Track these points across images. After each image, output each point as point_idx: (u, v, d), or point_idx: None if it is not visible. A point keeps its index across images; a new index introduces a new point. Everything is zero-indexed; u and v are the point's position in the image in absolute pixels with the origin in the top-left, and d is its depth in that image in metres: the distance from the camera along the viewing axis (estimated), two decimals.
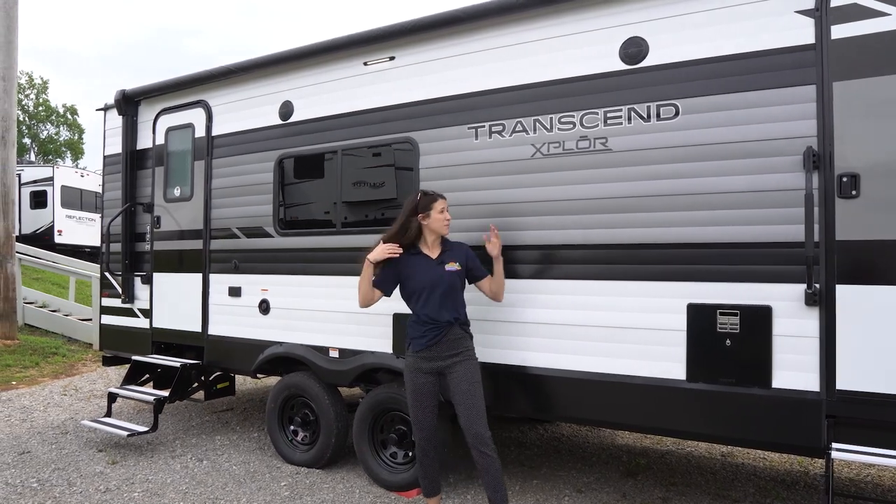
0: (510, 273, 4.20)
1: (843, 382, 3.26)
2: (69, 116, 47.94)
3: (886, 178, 3.17)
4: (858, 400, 3.23)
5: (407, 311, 4.61)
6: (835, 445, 3.21)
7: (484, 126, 4.38)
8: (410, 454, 4.73)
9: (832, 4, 3.29)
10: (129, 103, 6.48)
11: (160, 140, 6.28)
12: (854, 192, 3.23)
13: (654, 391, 3.72)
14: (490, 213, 4.30)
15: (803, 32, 3.36)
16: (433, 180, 4.57)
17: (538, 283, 4.14)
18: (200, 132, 5.94)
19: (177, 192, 6.13)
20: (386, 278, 3.99)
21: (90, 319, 11.11)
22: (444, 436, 4.55)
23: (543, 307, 4.11)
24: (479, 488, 4.77)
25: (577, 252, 4.00)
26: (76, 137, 48.56)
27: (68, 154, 47.86)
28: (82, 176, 21.10)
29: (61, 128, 47.98)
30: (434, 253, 3.96)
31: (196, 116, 5.98)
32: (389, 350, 4.74)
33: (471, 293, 4.12)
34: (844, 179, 3.24)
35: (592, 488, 4.82)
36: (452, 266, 3.91)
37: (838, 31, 3.28)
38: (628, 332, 3.83)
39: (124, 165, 6.46)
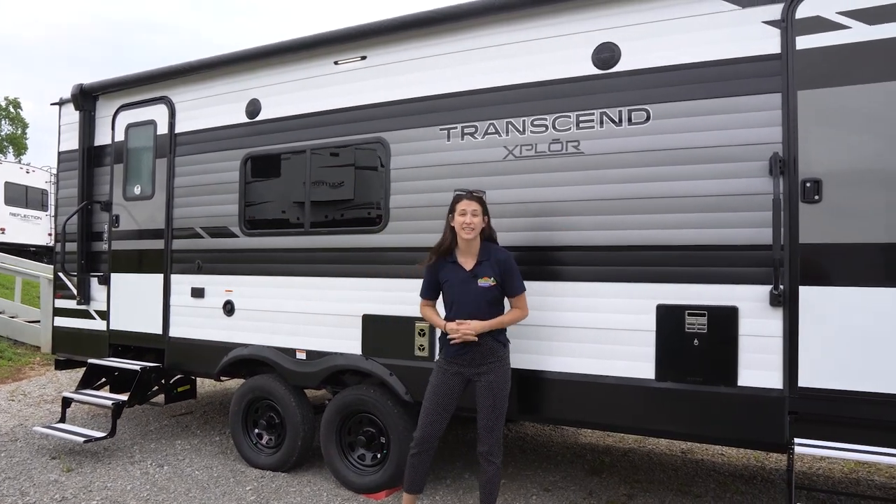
0: None
1: (804, 380, 3.38)
2: (12, 110, 46.09)
3: (846, 184, 3.31)
4: (818, 397, 3.36)
5: (376, 312, 4.63)
6: (797, 440, 3.33)
7: (456, 127, 4.40)
8: (379, 456, 4.71)
9: (797, 16, 3.42)
10: (86, 98, 6.28)
11: (119, 137, 6.10)
12: (817, 197, 3.36)
13: (624, 390, 3.79)
14: None
15: (770, 42, 3.49)
16: (404, 181, 4.57)
17: None
18: (163, 129, 5.79)
19: (137, 190, 5.97)
20: (429, 286, 3.91)
21: (38, 321, 10.70)
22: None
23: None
24: (446, 489, 4.78)
25: (549, 254, 4.05)
26: (19, 132, 46.71)
27: (10, 150, 46.02)
28: (28, 172, 20.31)
29: (3, 122, 46.10)
30: (469, 263, 3.76)
31: (158, 113, 5.83)
32: (359, 352, 4.71)
33: None
34: (808, 185, 3.37)
35: (559, 486, 4.88)
36: (486, 282, 3.70)
37: (803, 42, 3.41)
38: (599, 333, 3.89)
39: (81, 162, 6.26)
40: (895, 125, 3.24)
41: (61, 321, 6.51)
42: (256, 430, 5.33)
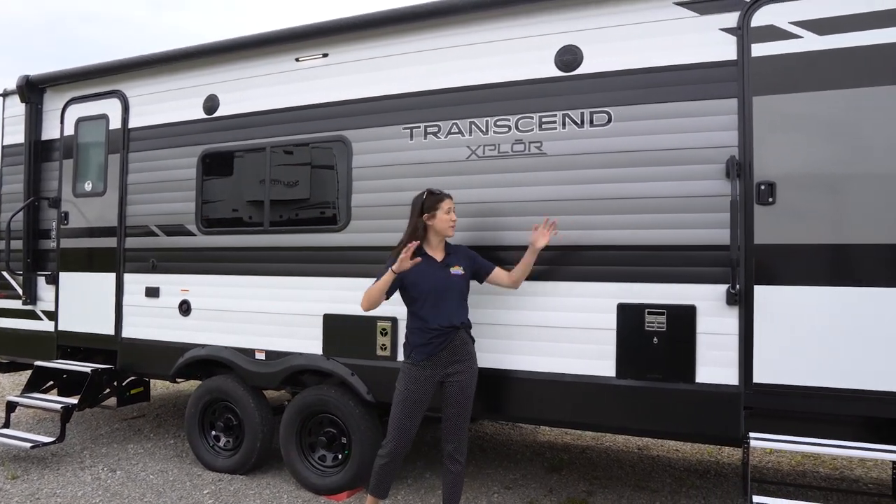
0: None
1: (759, 376, 3.49)
2: None
3: (799, 187, 3.44)
4: (772, 392, 3.48)
5: (337, 312, 4.59)
6: (752, 435, 3.44)
7: (419, 127, 4.40)
8: (340, 457, 4.67)
9: (752, 25, 3.53)
10: (33, 90, 6.04)
11: (69, 131, 5.90)
12: (771, 199, 3.48)
13: (586, 388, 3.85)
14: None
15: (726, 49, 3.59)
16: (366, 180, 4.55)
17: (473, 284, 4.19)
18: (116, 124, 5.62)
19: (88, 186, 5.78)
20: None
21: None
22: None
23: (478, 307, 4.16)
24: (408, 488, 4.78)
25: (511, 253, 4.08)
26: None
27: None
28: None
29: None
30: (439, 256, 3.82)
31: (111, 107, 5.66)
32: (319, 351, 4.66)
33: None
34: (762, 187, 3.49)
35: (519, 484, 4.93)
36: (458, 270, 3.78)
37: (758, 50, 3.52)
38: (561, 332, 3.94)
39: (27, 157, 6.02)
40: (842, 131, 3.38)
41: (5, 322, 6.24)
42: (214, 433, 5.22)
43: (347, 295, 4.56)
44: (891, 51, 3.29)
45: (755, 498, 3.29)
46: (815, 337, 3.40)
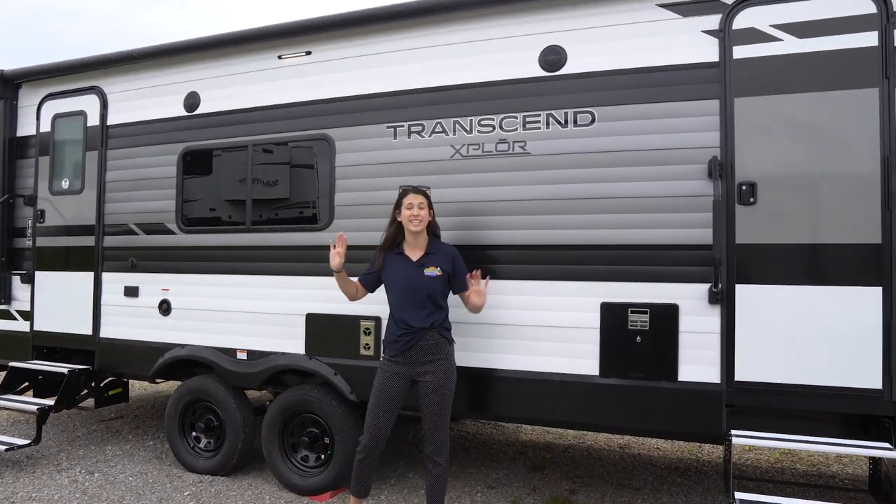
0: None
1: (740, 374, 3.54)
2: None
3: (779, 187, 3.49)
4: (754, 390, 3.53)
5: (320, 311, 4.57)
6: (733, 432, 3.48)
7: (403, 125, 4.39)
8: (323, 457, 4.65)
9: (734, 27, 3.58)
10: (7, 86, 5.93)
11: (45, 127, 5.79)
12: (752, 200, 3.52)
13: (570, 387, 3.87)
14: None
15: (709, 51, 3.63)
16: (349, 178, 4.53)
17: None
18: (94, 121, 5.53)
19: (65, 184, 5.69)
20: (370, 275, 3.94)
21: None
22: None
23: (461, 307, 4.15)
24: (391, 489, 4.76)
25: (496, 252, 4.09)
26: None
27: None
28: None
29: None
30: (416, 255, 3.79)
31: (89, 103, 5.57)
32: (302, 351, 4.63)
33: None
34: (744, 187, 3.53)
35: (503, 483, 4.94)
36: (432, 271, 3.72)
37: (739, 52, 3.57)
38: (545, 331, 3.96)
39: (2, 154, 5.89)
40: (821, 132, 3.44)
41: None
42: (194, 434, 5.16)
43: (331, 294, 4.52)
44: (865, 54, 3.36)
45: (737, 495, 3.33)
46: (793, 335, 3.46)
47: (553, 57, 3.98)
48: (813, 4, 3.46)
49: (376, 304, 4.32)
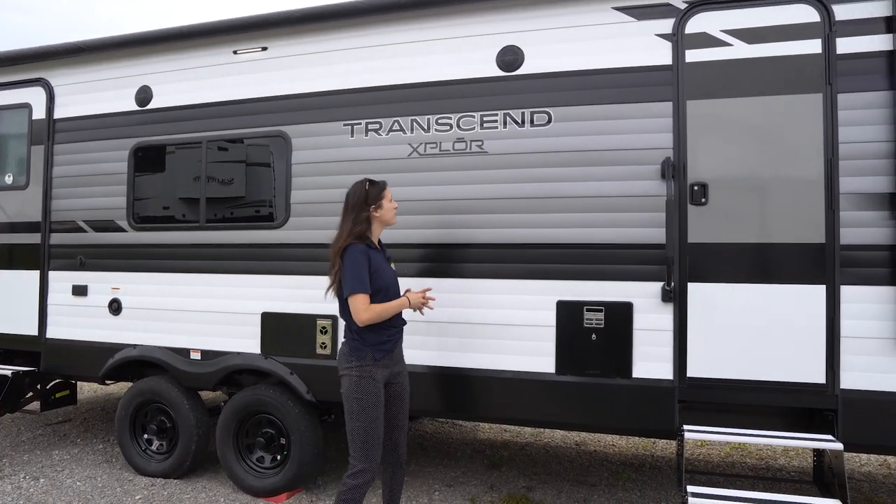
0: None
1: (692, 370, 3.62)
2: None
3: (729, 188, 3.59)
4: (705, 386, 3.61)
5: (275, 310, 4.50)
6: (686, 427, 3.56)
7: (360, 123, 4.36)
8: (279, 458, 4.59)
9: (686, 31, 3.66)
10: None
11: None
12: (703, 200, 3.61)
13: (526, 384, 3.90)
14: None
15: (662, 54, 3.71)
16: (306, 176, 4.48)
17: (413, 281, 4.18)
18: (40, 114, 5.35)
19: (8, 179, 5.48)
20: (367, 277, 3.37)
21: None
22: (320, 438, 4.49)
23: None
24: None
25: (453, 251, 4.10)
26: None
27: None
28: None
29: None
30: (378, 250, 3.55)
31: (34, 96, 5.38)
32: (257, 350, 4.57)
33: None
34: (695, 188, 3.62)
35: (460, 482, 4.95)
36: (393, 265, 3.63)
37: (691, 56, 3.65)
38: (501, 329, 3.98)
39: None
40: (769, 136, 3.54)
41: None
42: (146, 436, 5.04)
43: (287, 293, 4.49)
44: (810, 61, 3.47)
45: (689, 488, 3.41)
46: (743, 332, 3.55)
47: (510, 57, 4.01)
48: (761, 11, 3.56)
49: (333, 302, 4.29)
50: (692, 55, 3.65)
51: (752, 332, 3.54)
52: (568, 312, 3.84)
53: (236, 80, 4.71)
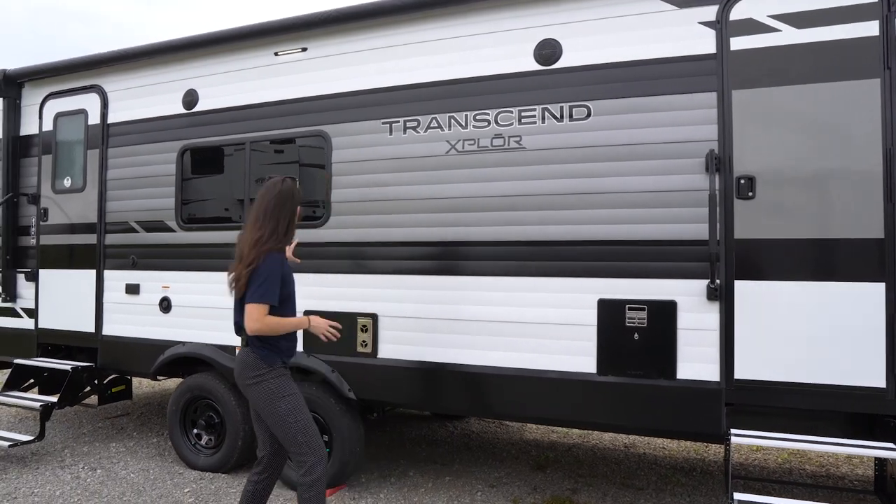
0: (424, 270, 4.21)
1: (740, 372, 3.46)
2: None
3: (778, 181, 3.41)
4: (753, 388, 3.45)
5: (318, 308, 4.54)
6: (733, 431, 3.41)
7: (399, 121, 4.35)
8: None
9: (731, 18, 3.49)
10: (10, 85, 5.96)
11: (48, 126, 5.82)
12: (750, 194, 3.44)
13: (566, 385, 3.81)
14: (403, 209, 4.28)
15: (705, 42, 3.55)
16: (346, 175, 4.50)
17: (453, 279, 4.15)
18: (95, 119, 5.55)
19: (67, 182, 5.71)
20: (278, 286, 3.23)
21: None
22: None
23: (457, 304, 4.12)
24: (391, 487, 4.73)
25: (492, 249, 4.04)
26: None
27: None
28: None
29: None
30: None
31: (90, 102, 5.59)
32: (300, 348, 4.61)
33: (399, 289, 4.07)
34: (742, 182, 3.45)
35: (504, 483, 4.89)
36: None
37: (737, 44, 3.48)
38: (541, 328, 3.90)
39: (5, 153, 5.95)
40: (821, 125, 3.35)
41: None
42: (195, 431, 5.17)
43: (328, 291, 4.53)
44: (867, 44, 3.26)
45: (736, 495, 3.26)
46: (795, 332, 3.37)
47: (548, 51, 3.92)
48: None
49: (373, 301, 4.31)
50: (737, 42, 3.48)
51: (805, 332, 3.35)
52: (609, 311, 3.74)
53: (277, 82, 4.77)
